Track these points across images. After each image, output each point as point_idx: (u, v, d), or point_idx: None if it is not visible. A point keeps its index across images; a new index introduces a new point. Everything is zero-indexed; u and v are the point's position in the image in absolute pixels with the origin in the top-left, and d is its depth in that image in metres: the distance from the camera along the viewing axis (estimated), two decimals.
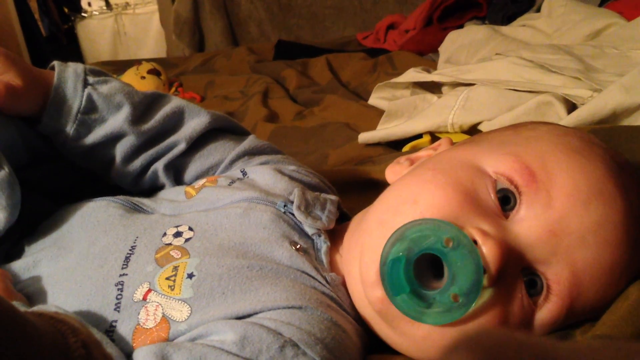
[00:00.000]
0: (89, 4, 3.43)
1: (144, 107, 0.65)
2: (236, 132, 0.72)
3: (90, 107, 0.62)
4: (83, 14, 3.39)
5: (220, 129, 0.70)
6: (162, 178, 0.67)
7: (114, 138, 0.64)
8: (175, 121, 0.66)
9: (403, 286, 0.46)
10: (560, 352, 0.22)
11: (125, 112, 0.63)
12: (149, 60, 1.79)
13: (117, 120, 0.63)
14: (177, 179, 0.68)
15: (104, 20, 3.42)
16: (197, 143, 0.67)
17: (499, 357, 0.21)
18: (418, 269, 0.47)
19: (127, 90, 0.65)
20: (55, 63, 0.63)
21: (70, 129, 0.62)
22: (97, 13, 3.42)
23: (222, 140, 0.69)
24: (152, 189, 0.68)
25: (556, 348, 0.22)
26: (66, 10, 3.50)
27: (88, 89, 0.63)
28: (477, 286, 0.45)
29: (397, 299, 0.47)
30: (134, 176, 0.67)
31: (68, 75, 0.63)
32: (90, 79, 0.63)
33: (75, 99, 0.62)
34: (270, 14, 2.74)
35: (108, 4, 3.40)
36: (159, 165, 0.66)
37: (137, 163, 0.66)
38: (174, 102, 0.67)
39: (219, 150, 0.68)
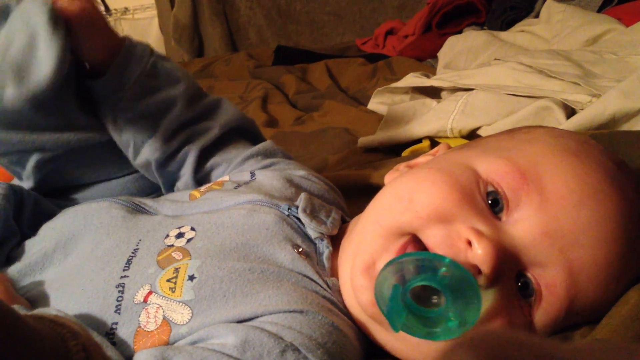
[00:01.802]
0: None
1: (195, 88, 0.73)
2: (257, 138, 0.77)
3: (153, 73, 0.69)
4: None
5: (243, 133, 0.75)
6: (189, 162, 0.71)
7: (166, 108, 0.70)
8: (213, 109, 0.74)
9: (400, 314, 0.45)
10: (562, 352, 0.22)
11: (182, 87, 0.71)
12: None
13: (173, 92, 0.70)
14: (196, 169, 0.71)
15: None
16: (223, 137, 0.73)
17: (501, 356, 0.21)
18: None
19: (184, 71, 0.73)
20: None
21: (130, 88, 0.67)
22: None
23: (242, 142, 0.74)
24: (169, 181, 0.72)
25: (558, 349, 0.22)
26: None
27: (154, 57, 0.70)
28: (475, 312, 0.45)
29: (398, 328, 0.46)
30: (167, 155, 0.70)
31: (137, 43, 0.69)
32: (156, 54, 0.71)
33: (142, 62, 0.68)
34: (270, 20, 2.75)
35: (107, 9, 3.40)
36: (192, 147, 0.71)
37: (177, 140, 0.70)
38: (215, 95, 0.76)
39: (237, 148, 0.73)
